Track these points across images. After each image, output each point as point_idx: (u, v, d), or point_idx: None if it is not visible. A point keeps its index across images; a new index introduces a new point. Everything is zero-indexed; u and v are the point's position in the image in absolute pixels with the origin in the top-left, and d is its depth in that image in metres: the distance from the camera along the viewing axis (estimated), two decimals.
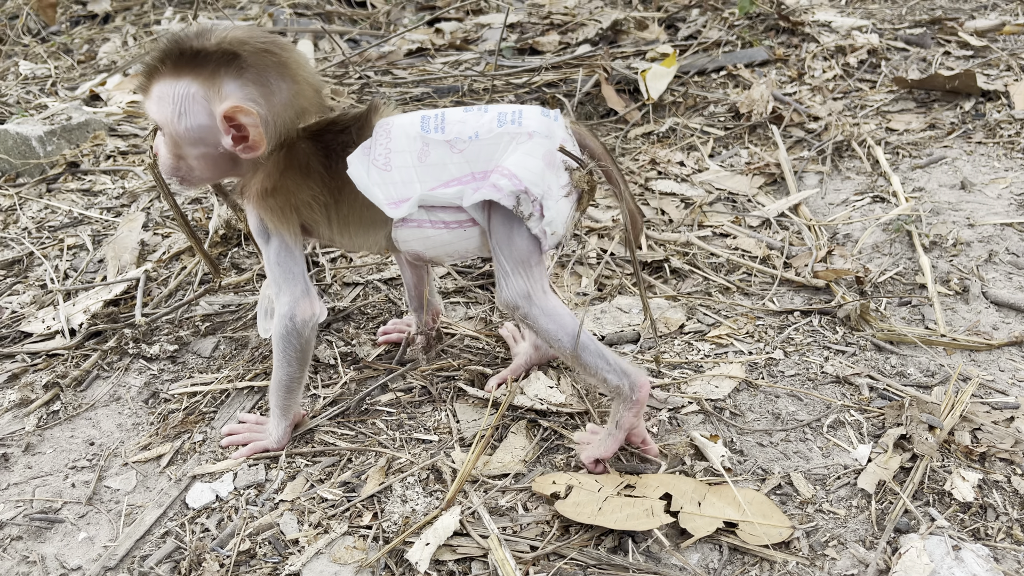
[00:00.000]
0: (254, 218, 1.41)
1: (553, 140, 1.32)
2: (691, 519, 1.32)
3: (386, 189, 1.33)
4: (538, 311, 1.35)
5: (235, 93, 1.28)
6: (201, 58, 1.27)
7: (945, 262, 1.98)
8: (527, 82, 2.90)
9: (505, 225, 1.33)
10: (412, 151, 1.33)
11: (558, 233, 1.32)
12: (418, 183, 1.33)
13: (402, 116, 1.38)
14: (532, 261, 1.35)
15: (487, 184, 1.30)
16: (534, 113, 1.34)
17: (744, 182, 2.39)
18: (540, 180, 1.29)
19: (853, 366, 1.67)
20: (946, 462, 1.43)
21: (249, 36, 1.30)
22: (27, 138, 2.53)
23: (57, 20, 4.16)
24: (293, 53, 1.34)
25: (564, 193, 1.31)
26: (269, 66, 1.29)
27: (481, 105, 1.38)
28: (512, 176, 1.28)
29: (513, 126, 1.31)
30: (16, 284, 2.06)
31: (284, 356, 1.45)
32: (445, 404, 1.62)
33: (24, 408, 1.66)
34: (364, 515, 1.38)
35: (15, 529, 1.40)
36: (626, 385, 1.35)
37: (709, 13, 3.53)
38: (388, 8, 3.92)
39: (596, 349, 1.36)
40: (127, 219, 2.25)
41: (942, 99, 2.75)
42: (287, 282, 1.42)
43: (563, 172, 1.32)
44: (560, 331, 1.35)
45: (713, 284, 1.96)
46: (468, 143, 1.31)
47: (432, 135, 1.33)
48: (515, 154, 1.30)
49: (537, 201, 1.29)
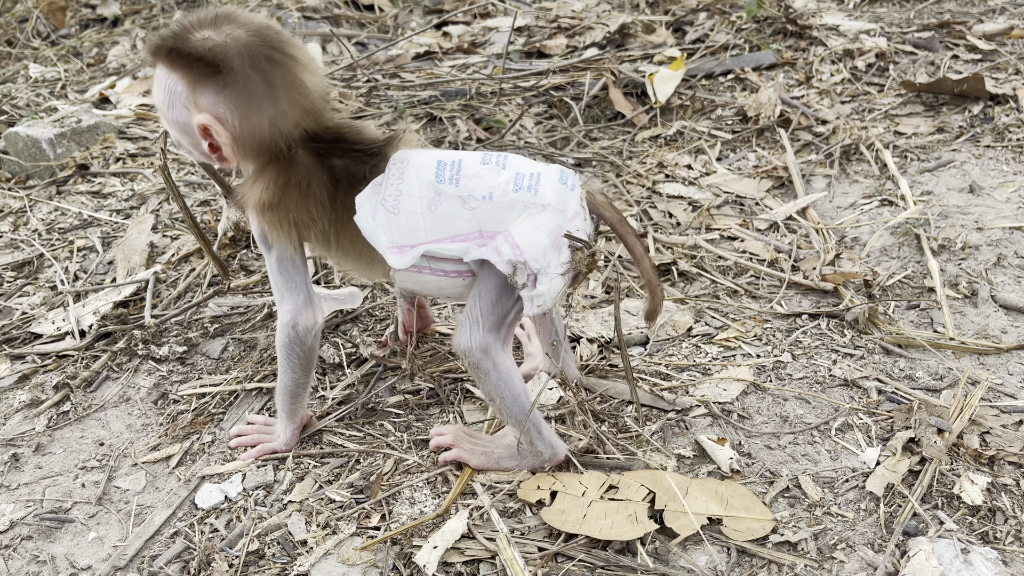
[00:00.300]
0: (255, 226, 1.40)
1: (565, 214, 1.30)
2: (676, 517, 1.33)
3: (391, 232, 1.32)
4: (490, 366, 1.35)
5: (210, 108, 1.26)
6: (191, 60, 1.25)
7: (954, 266, 1.97)
8: (535, 85, 2.91)
9: (496, 283, 1.33)
10: (423, 198, 1.31)
11: (545, 305, 1.31)
12: (424, 232, 1.32)
13: (419, 155, 1.35)
14: (507, 321, 1.36)
15: (491, 245, 1.30)
16: (551, 180, 1.32)
17: (752, 185, 2.39)
18: (541, 256, 1.28)
19: (861, 369, 1.67)
20: (955, 465, 1.42)
21: (252, 40, 1.25)
22: (37, 140, 2.54)
23: (66, 23, 4.18)
24: (297, 60, 1.28)
25: (562, 271, 1.30)
26: (262, 77, 1.24)
27: (500, 156, 1.35)
28: (515, 246, 1.27)
29: (529, 193, 1.30)
30: (26, 286, 2.07)
31: (288, 363, 1.45)
32: (453, 406, 1.63)
33: (34, 408, 1.67)
34: (372, 516, 1.39)
35: (25, 529, 1.41)
36: (547, 454, 1.41)
37: (716, 17, 3.53)
38: (396, 12, 3.94)
39: (534, 416, 1.38)
40: (136, 221, 2.26)
41: (950, 103, 2.75)
42: (289, 291, 1.42)
43: (566, 250, 1.31)
44: (507, 392, 1.36)
45: (721, 287, 1.96)
46: (481, 203, 1.30)
47: (445, 187, 1.31)
48: (525, 224, 1.29)
49: (533, 275, 1.29)
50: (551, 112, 2.82)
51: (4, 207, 2.43)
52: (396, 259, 1.32)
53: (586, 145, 2.63)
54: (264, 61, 1.25)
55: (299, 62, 1.29)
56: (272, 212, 1.32)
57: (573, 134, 2.66)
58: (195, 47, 1.24)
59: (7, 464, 1.55)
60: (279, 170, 1.31)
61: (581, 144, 2.64)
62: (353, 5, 4.07)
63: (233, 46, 1.24)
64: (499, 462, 1.45)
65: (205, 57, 1.23)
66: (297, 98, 1.28)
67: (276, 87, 1.26)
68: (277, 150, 1.30)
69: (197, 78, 1.25)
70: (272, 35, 1.28)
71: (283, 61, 1.26)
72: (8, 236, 2.27)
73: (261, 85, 1.25)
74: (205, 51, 1.23)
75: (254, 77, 1.24)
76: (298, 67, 1.28)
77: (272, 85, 1.25)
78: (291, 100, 1.27)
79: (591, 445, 1.49)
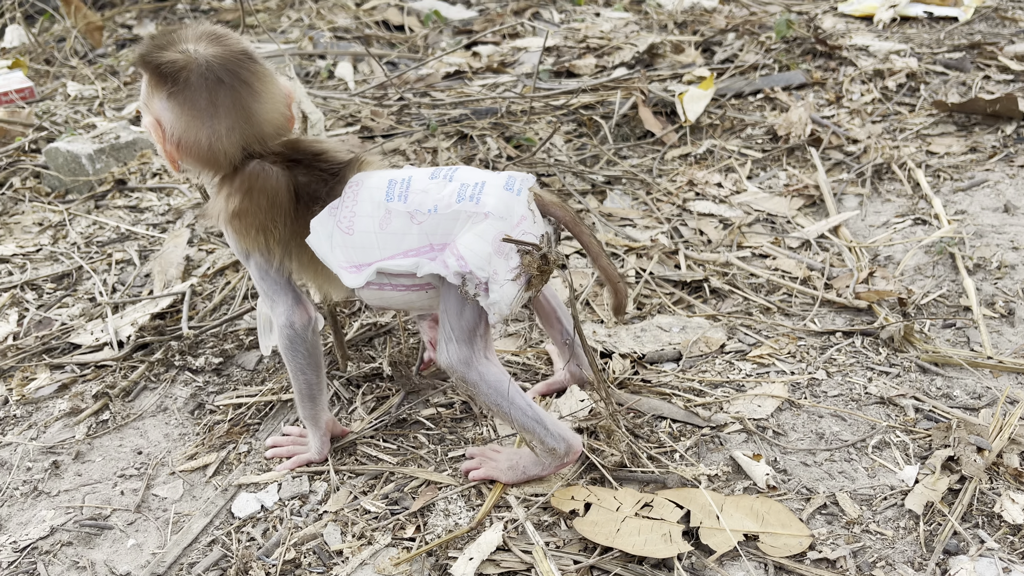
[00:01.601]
0: (230, 238, 1.43)
1: (509, 220, 1.31)
2: (711, 534, 1.32)
3: (347, 252, 1.35)
4: (476, 376, 1.36)
5: (156, 112, 1.34)
6: (152, 68, 1.32)
7: (990, 284, 1.96)
8: (565, 104, 2.93)
9: (456, 295, 1.35)
10: (375, 217, 1.34)
11: (502, 312, 1.32)
12: (378, 249, 1.34)
13: (373, 176, 1.39)
14: (478, 331, 1.37)
15: (440, 258, 1.32)
16: (495, 188, 1.33)
17: (783, 204, 2.39)
18: (486, 264, 1.29)
19: (897, 387, 1.65)
20: (995, 484, 1.41)
21: (213, 61, 1.30)
22: (77, 156, 2.59)
23: (103, 43, 4.27)
24: (250, 87, 1.33)
25: (511, 276, 1.30)
26: (208, 96, 1.30)
27: (450, 169, 1.38)
28: (459, 257, 1.29)
29: (471, 203, 1.31)
30: (66, 297, 2.10)
31: (296, 364, 1.47)
32: (486, 419, 1.63)
33: (74, 417, 1.69)
34: (407, 527, 1.39)
35: (66, 535, 1.43)
36: (562, 448, 1.40)
37: (745, 37, 3.55)
38: (426, 32, 3.98)
39: (534, 414, 1.38)
40: (172, 235, 2.30)
41: (983, 123, 2.74)
42: (277, 294, 1.45)
43: (514, 255, 1.31)
44: (500, 398, 1.37)
45: (753, 304, 1.95)
46: (427, 216, 1.32)
47: (394, 204, 1.34)
48: (468, 234, 1.30)
49: (483, 283, 1.30)
50: (581, 130, 2.84)
51: (44, 220, 2.47)
52: (351, 278, 1.35)
53: (616, 163, 2.64)
54: (215, 82, 1.30)
55: (252, 89, 1.33)
56: (239, 219, 1.36)
57: (603, 152, 2.68)
58: (159, 57, 1.31)
59: (48, 471, 1.57)
60: (243, 178, 1.35)
61: (611, 162, 2.65)
62: (384, 25, 4.12)
63: (193, 62, 1.30)
64: (525, 471, 1.45)
65: (163, 67, 1.30)
66: (239, 122, 1.33)
67: (218, 107, 1.31)
68: (223, 165, 1.36)
69: (154, 84, 1.33)
70: (237, 60, 1.32)
71: (234, 85, 1.31)
72: (48, 249, 2.32)
73: (204, 102, 1.30)
74: (165, 62, 1.30)
75: (200, 94, 1.30)
76: (249, 93, 1.32)
77: (215, 104, 1.31)
78: (232, 123, 1.32)
79: (624, 459, 1.49)
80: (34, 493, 1.52)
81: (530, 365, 1.78)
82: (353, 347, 1.85)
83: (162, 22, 4.48)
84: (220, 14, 4.50)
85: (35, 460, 1.60)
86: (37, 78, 3.77)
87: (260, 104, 1.34)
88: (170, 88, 1.30)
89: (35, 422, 1.69)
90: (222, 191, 1.38)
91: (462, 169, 1.38)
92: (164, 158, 1.38)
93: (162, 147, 1.36)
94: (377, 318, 1.94)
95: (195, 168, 1.40)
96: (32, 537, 1.42)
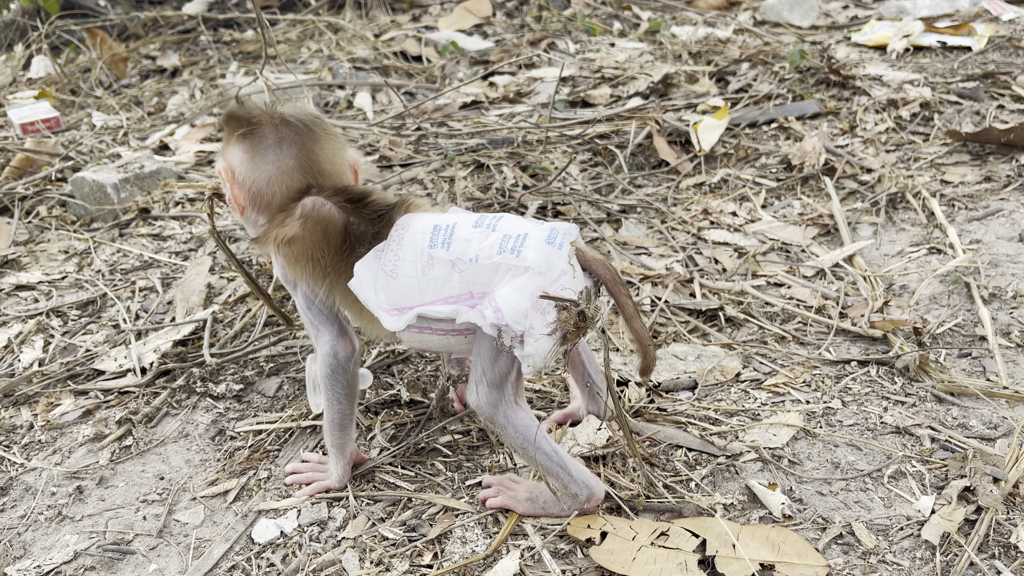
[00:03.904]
0: (278, 266, 1.48)
1: (548, 275, 1.32)
2: (727, 563, 1.33)
3: (389, 295, 1.38)
4: (504, 420, 1.38)
5: (229, 157, 1.43)
6: (232, 120, 1.44)
7: (1005, 314, 1.96)
8: (580, 133, 2.96)
9: (490, 341, 1.36)
10: (418, 262, 1.36)
11: (536, 366, 1.33)
12: (419, 294, 1.37)
13: (419, 219, 1.41)
14: (509, 378, 1.39)
15: (479, 308, 1.34)
16: (537, 242, 1.34)
17: (797, 232, 2.40)
18: (522, 318, 1.30)
19: (913, 417, 1.66)
20: (1011, 515, 1.41)
21: (284, 111, 1.42)
22: (103, 185, 2.65)
23: (128, 74, 4.36)
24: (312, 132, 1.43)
25: (547, 331, 1.31)
26: (275, 134, 1.40)
27: (494, 218, 1.39)
28: (497, 309, 1.31)
29: (511, 256, 1.33)
30: (90, 324, 2.14)
31: (333, 394, 1.50)
32: (502, 447, 1.65)
33: (98, 443, 1.72)
34: (424, 554, 1.41)
35: (89, 559, 1.45)
36: (584, 495, 1.41)
37: (760, 67, 3.58)
38: (443, 62, 4.05)
39: (559, 460, 1.39)
40: (194, 263, 2.34)
41: (997, 152, 2.75)
42: (322, 323, 1.49)
43: (552, 310, 1.32)
44: (526, 441, 1.38)
45: (768, 333, 1.96)
46: (468, 265, 1.34)
47: (438, 251, 1.36)
48: (506, 287, 1.32)
49: (517, 336, 1.31)
50: (596, 160, 2.87)
51: (70, 248, 2.52)
52: (391, 321, 1.38)
53: (631, 192, 2.67)
54: (283, 124, 1.41)
55: (315, 136, 1.43)
56: (290, 246, 1.39)
57: (618, 181, 2.71)
58: (240, 111, 1.43)
59: (72, 496, 1.60)
60: (299, 208, 1.39)
61: (626, 191, 2.68)
62: (402, 56, 4.19)
63: (267, 113, 1.42)
64: (544, 507, 1.46)
65: (239, 115, 1.43)
66: (301, 160, 1.41)
67: (283, 144, 1.41)
68: (280, 203, 1.42)
69: (229, 132, 1.45)
70: (307, 114, 1.45)
71: (300, 129, 1.42)
72: (73, 276, 2.36)
73: (272, 140, 1.41)
74: (244, 113, 1.43)
75: (269, 133, 1.41)
76: (312, 139, 1.43)
77: (281, 141, 1.41)
78: (295, 162, 1.41)
79: (640, 491, 1.50)
80: (58, 518, 1.55)
81: (547, 392, 1.80)
82: (372, 372, 1.88)
83: (185, 53, 4.57)
84: (241, 45, 4.58)
85: (59, 485, 1.63)
86: (63, 108, 3.86)
87: (323, 150, 1.43)
88: (243, 131, 1.41)
89: (59, 447, 1.72)
90: (277, 219, 1.42)
91: (506, 218, 1.40)
92: (231, 202, 1.47)
93: (230, 190, 1.44)
94: (395, 346, 1.97)
95: (257, 211, 1.45)
96: (56, 562, 1.44)
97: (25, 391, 1.90)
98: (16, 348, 2.05)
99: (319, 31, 4.62)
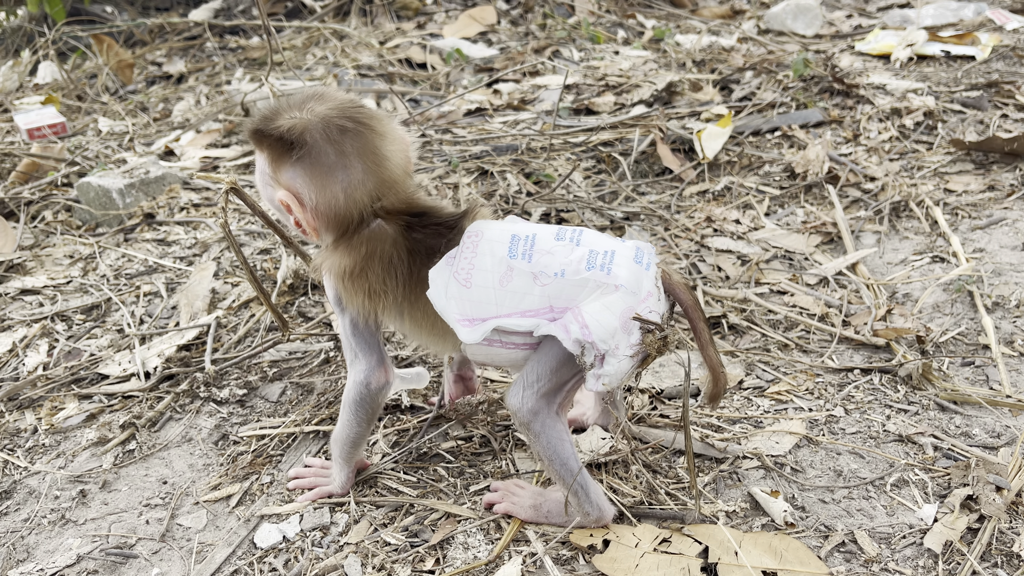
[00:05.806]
0: (331, 290, 1.42)
1: (638, 295, 1.29)
2: (730, 571, 1.33)
3: (462, 305, 1.32)
4: (539, 428, 1.35)
5: (287, 183, 1.31)
6: (271, 139, 1.30)
7: (1008, 323, 1.96)
8: (584, 141, 2.97)
9: (559, 353, 1.32)
10: (495, 273, 1.31)
11: (611, 385, 1.30)
12: (495, 306, 1.31)
13: (493, 228, 1.35)
14: (565, 389, 1.37)
15: (560, 322, 1.29)
16: (626, 260, 1.31)
17: (800, 240, 2.40)
18: (610, 338, 1.27)
19: (916, 425, 1.66)
20: (1014, 523, 1.40)
21: (328, 113, 1.28)
22: (108, 190, 2.66)
23: (133, 80, 4.38)
24: (373, 129, 1.30)
25: (631, 353, 1.29)
26: (334, 147, 1.27)
27: (575, 232, 1.35)
28: (584, 326, 1.26)
29: (601, 273, 1.29)
30: (95, 328, 2.15)
31: (355, 418, 1.48)
32: (505, 453, 1.65)
33: (101, 447, 1.73)
34: (427, 560, 1.41)
35: (91, 563, 1.45)
36: (594, 515, 1.41)
37: (763, 75, 3.59)
38: (448, 70, 4.06)
39: (581, 479, 1.38)
40: (199, 268, 2.34)
41: (1001, 161, 2.75)
42: (363, 351, 1.44)
43: (636, 332, 1.29)
44: (555, 456, 1.36)
45: (771, 340, 1.96)
46: (552, 280, 1.30)
47: (518, 262, 1.31)
48: (595, 303, 1.28)
49: (600, 355, 1.28)
50: (600, 167, 2.88)
51: (75, 253, 2.53)
52: (467, 333, 1.32)
53: (634, 199, 2.68)
54: (337, 131, 1.27)
55: (375, 131, 1.30)
56: (352, 280, 1.34)
57: (621, 188, 2.71)
58: (275, 127, 1.29)
59: (75, 500, 1.60)
60: (362, 240, 1.33)
61: (629, 198, 2.69)
62: (407, 63, 4.20)
63: (310, 122, 1.28)
64: (548, 516, 1.46)
65: (283, 136, 1.28)
66: (372, 166, 1.30)
67: (348, 155, 1.28)
68: (355, 222, 1.33)
69: (276, 155, 1.31)
70: (350, 107, 1.30)
71: (356, 129, 1.28)
72: (78, 281, 2.37)
73: (333, 155, 1.27)
74: (283, 130, 1.28)
75: (326, 148, 1.27)
76: (374, 135, 1.30)
77: (344, 153, 1.28)
78: (365, 167, 1.29)
79: (642, 498, 1.50)
80: (61, 521, 1.55)
81: None
82: None
83: (191, 60, 4.59)
84: (247, 51, 4.60)
85: (63, 489, 1.63)
86: (69, 114, 3.87)
87: (387, 143, 1.31)
88: (297, 154, 1.27)
89: (63, 451, 1.73)
90: (339, 248, 1.35)
91: (588, 233, 1.36)
92: (304, 227, 1.34)
93: (302, 216, 1.32)
94: (397, 351, 1.97)
95: (329, 231, 1.35)
96: (59, 565, 1.45)
97: (29, 395, 1.90)
98: (21, 352, 2.06)
99: (324, 38, 4.65)
